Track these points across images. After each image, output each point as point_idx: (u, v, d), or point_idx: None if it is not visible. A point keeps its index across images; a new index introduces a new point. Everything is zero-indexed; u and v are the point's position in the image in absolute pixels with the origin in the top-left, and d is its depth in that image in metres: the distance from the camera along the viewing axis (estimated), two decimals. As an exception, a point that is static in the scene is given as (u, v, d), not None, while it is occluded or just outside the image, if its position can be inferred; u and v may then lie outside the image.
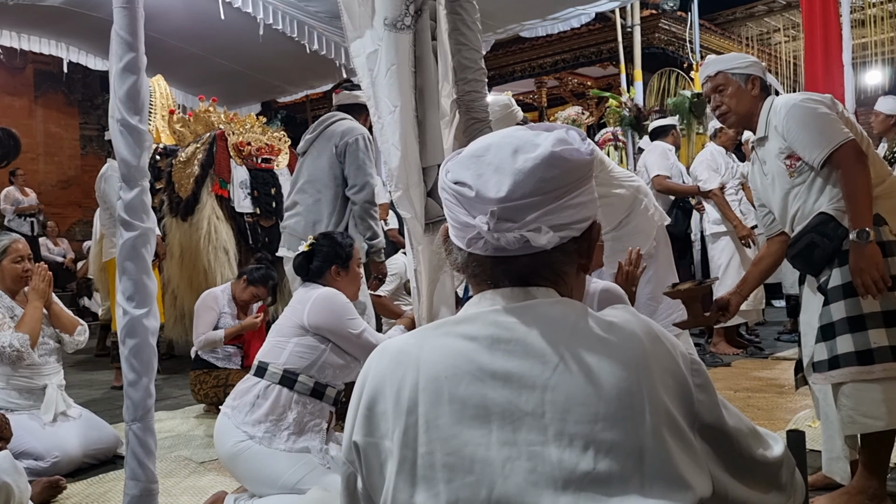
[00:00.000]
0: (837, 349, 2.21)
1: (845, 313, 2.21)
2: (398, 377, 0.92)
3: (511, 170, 0.91)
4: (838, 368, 2.21)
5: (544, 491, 0.83)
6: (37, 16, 5.45)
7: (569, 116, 8.34)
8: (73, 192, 12.09)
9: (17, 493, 2.30)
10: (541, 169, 0.90)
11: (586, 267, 1.00)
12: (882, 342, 2.16)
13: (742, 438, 0.95)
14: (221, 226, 5.42)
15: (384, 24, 2.28)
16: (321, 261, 2.65)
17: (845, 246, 2.22)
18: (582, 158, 0.93)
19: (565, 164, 0.91)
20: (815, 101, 2.31)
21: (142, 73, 1.94)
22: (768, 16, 10.83)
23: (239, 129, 5.78)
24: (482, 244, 0.93)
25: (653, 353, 0.89)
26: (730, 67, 2.47)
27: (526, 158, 0.91)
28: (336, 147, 3.51)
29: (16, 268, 3.19)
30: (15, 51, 6.20)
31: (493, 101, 3.15)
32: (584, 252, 0.98)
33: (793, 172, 2.34)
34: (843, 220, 2.24)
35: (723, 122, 2.56)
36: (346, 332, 2.50)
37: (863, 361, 2.17)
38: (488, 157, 0.93)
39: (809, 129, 2.26)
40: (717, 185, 5.34)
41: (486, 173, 0.92)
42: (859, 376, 2.18)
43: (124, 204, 1.94)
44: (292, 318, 2.55)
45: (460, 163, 0.96)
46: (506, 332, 0.90)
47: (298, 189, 3.62)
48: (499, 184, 0.90)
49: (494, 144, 0.95)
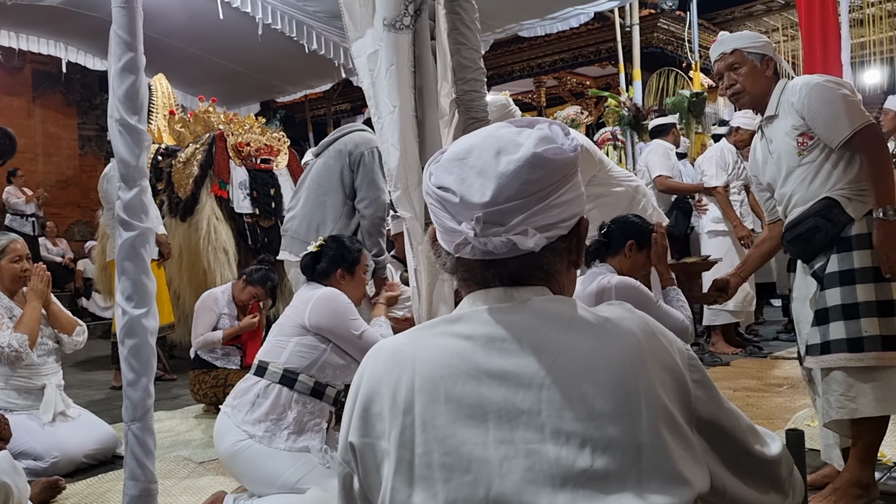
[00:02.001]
0: (830, 335, 2.23)
1: (840, 300, 2.22)
2: (394, 377, 0.92)
3: (494, 173, 0.89)
4: (829, 354, 2.24)
5: (542, 489, 0.83)
6: (35, 15, 5.45)
7: (568, 116, 8.35)
8: (72, 192, 12.08)
9: (17, 494, 2.30)
10: (524, 171, 0.89)
11: (577, 263, 0.99)
12: (873, 331, 2.18)
13: (740, 435, 0.95)
14: (221, 226, 5.42)
15: (383, 25, 2.28)
16: (327, 263, 2.64)
17: (845, 233, 2.23)
18: (565, 157, 0.92)
19: (549, 164, 0.90)
20: (837, 84, 2.30)
21: (141, 73, 1.93)
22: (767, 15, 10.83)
23: (238, 129, 5.78)
24: (469, 249, 0.92)
25: (649, 349, 0.90)
26: (746, 45, 2.42)
27: (509, 161, 0.90)
28: (350, 155, 3.43)
29: (14, 268, 3.19)
30: (13, 50, 6.21)
31: (490, 101, 3.13)
32: (573, 248, 0.97)
33: (802, 151, 2.32)
34: (848, 206, 2.24)
35: (735, 101, 2.50)
36: (348, 333, 2.50)
37: (853, 349, 2.19)
38: (471, 160, 0.92)
39: (833, 108, 2.24)
40: (721, 182, 5.34)
41: (469, 177, 0.91)
42: (849, 363, 2.20)
43: (123, 204, 1.93)
44: (293, 318, 2.55)
45: (443, 166, 0.94)
46: (501, 330, 0.90)
47: (305, 190, 3.56)
48: (482, 188, 0.89)
49: (477, 146, 0.93)
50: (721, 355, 5.18)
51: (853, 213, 2.24)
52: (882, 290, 2.20)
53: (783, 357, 5.06)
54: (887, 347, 2.17)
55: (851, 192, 2.25)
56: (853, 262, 2.22)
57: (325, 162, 3.52)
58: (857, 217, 2.24)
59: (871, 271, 2.21)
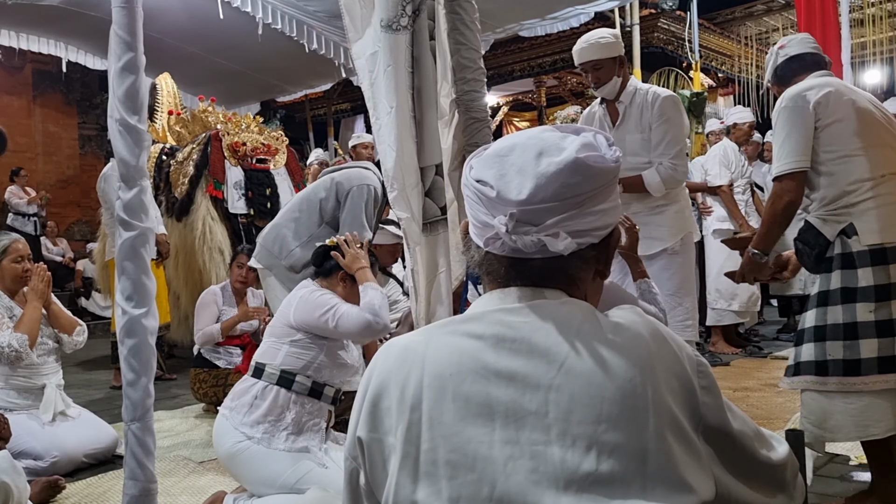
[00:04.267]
0: (801, 356, 2.25)
1: (814, 322, 2.23)
2: (403, 374, 0.92)
3: (534, 173, 0.90)
4: (799, 375, 2.25)
5: (546, 490, 0.82)
6: (36, 15, 5.46)
7: (568, 115, 8.34)
8: (72, 191, 12.08)
9: (16, 493, 2.30)
10: (564, 174, 0.89)
11: (604, 273, 0.99)
12: (837, 355, 2.17)
13: (746, 441, 0.94)
14: (216, 227, 5.42)
15: (380, 26, 2.28)
16: (334, 263, 2.62)
17: (829, 253, 2.24)
18: (606, 166, 0.92)
19: (589, 170, 0.90)
20: (794, 107, 2.30)
21: (141, 73, 1.93)
22: (767, 15, 10.82)
23: (235, 129, 5.77)
24: (499, 244, 0.93)
25: (658, 354, 0.89)
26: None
27: (549, 162, 0.90)
28: (340, 185, 3.41)
29: (16, 267, 3.19)
30: (14, 50, 6.22)
31: (605, 33, 3.11)
32: (602, 259, 0.97)
33: None
34: (823, 228, 2.25)
35: None
36: (325, 326, 2.46)
37: (819, 372, 2.19)
38: (512, 158, 0.93)
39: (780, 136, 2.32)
40: (726, 181, 5.32)
41: (508, 174, 0.92)
42: (814, 386, 2.21)
43: (123, 204, 1.93)
44: (281, 319, 2.55)
45: (484, 161, 0.95)
46: (511, 331, 0.90)
47: (289, 202, 3.55)
48: (520, 186, 0.90)
49: (520, 145, 0.94)
50: (721, 355, 5.18)
51: (829, 234, 2.24)
52: (848, 313, 2.17)
53: (783, 357, 5.06)
54: (849, 372, 2.15)
55: (826, 212, 2.26)
56: (829, 284, 2.23)
57: (319, 183, 3.53)
58: (831, 237, 2.24)
59: (841, 293, 2.20)
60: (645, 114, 3.02)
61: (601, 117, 3.17)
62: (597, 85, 3.09)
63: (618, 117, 3.11)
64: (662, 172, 2.96)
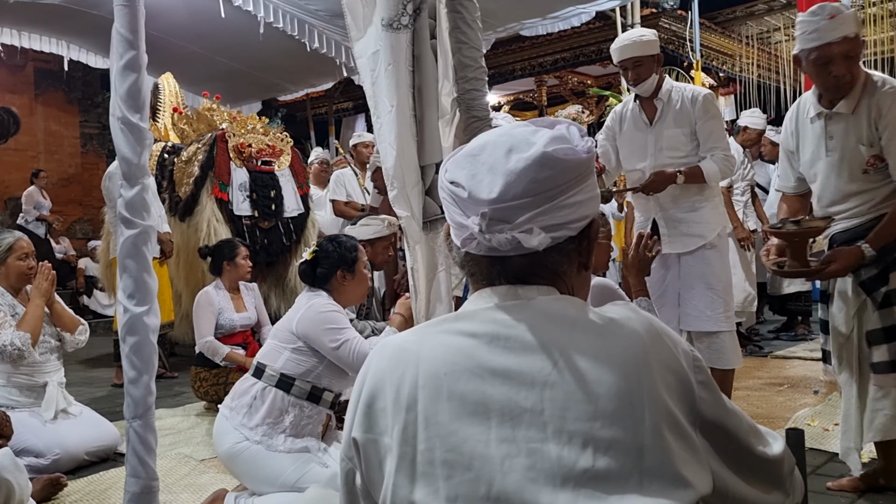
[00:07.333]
0: None
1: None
2: (398, 374, 0.92)
3: (503, 170, 0.90)
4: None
5: (543, 488, 0.83)
6: (37, 14, 5.46)
7: (569, 115, 8.33)
8: (74, 189, 12.08)
9: (18, 491, 2.31)
10: (533, 169, 0.89)
11: (587, 265, 0.99)
12: None
13: (743, 436, 0.95)
14: (221, 228, 5.41)
15: (381, 24, 2.28)
16: (327, 267, 2.61)
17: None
18: (577, 157, 0.91)
19: (558, 164, 0.90)
20: None
21: (142, 71, 1.94)
22: (769, 14, 10.79)
23: (240, 129, 5.76)
24: (475, 245, 0.93)
25: (653, 350, 0.89)
26: (858, 31, 2.25)
27: (518, 158, 0.90)
28: None
29: (21, 265, 3.20)
30: (15, 49, 6.22)
31: (645, 31, 3.28)
32: (583, 250, 0.97)
33: (868, 169, 2.27)
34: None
35: (842, 93, 2.33)
36: (324, 344, 2.47)
37: None
38: (483, 157, 0.93)
39: None
40: (726, 183, 5.32)
41: (479, 173, 0.92)
42: None
43: (125, 202, 1.94)
44: (285, 324, 2.55)
45: (457, 162, 0.96)
46: (505, 328, 0.90)
47: None
48: (491, 184, 0.90)
49: (491, 143, 0.94)
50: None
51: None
52: None
53: (783, 357, 5.07)
54: None
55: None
56: None
57: None
58: None
59: None
60: (685, 111, 3.11)
61: (637, 114, 3.22)
62: (636, 82, 3.16)
63: (654, 114, 3.16)
64: (718, 162, 3.09)
